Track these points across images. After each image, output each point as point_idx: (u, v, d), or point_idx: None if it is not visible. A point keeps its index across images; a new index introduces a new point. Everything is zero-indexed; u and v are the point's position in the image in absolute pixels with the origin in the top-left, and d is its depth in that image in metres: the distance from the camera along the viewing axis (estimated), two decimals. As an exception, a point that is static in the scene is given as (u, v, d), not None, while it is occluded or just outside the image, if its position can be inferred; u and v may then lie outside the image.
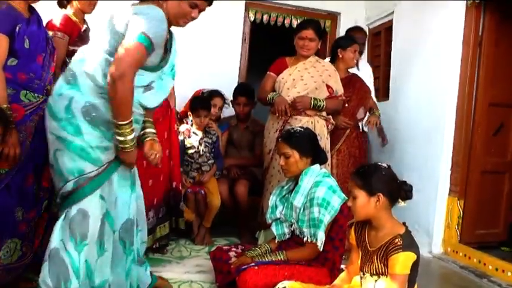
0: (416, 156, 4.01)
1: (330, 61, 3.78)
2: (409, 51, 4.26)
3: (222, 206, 3.70)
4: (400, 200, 2.11)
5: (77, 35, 2.91)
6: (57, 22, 2.86)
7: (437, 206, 3.74)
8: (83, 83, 2.03)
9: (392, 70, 4.53)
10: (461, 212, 3.70)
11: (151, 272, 2.49)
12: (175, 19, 2.16)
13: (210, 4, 2.21)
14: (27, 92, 2.38)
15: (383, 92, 4.70)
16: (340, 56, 3.72)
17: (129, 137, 2.02)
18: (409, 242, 2.00)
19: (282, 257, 2.59)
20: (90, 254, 2.05)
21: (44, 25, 2.58)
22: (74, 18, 2.93)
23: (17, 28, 2.32)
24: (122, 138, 2.01)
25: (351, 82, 3.72)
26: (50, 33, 2.75)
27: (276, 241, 2.80)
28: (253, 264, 2.48)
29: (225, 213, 3.78)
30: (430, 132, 3.84)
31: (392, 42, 4.54)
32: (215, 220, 3.72)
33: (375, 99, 4.11)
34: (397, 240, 1.98)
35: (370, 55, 4.98)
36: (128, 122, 1.99)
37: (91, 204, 2.02)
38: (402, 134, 4.25)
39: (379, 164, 2.16)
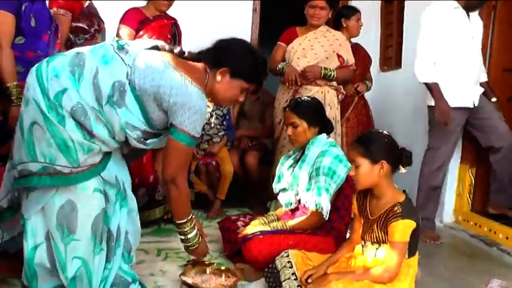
0: (427, 124, 3.95)
1: None
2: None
3: (233, 177, 3.74)
4: (400, 167, 2.11)
5: (79, 12, 2.94)
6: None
7: (449, 174, 3.70)
8: (86, 86, 1.81)
9: (404, 38, 4.44)
10: (473, 181, 3.68)
11: None
12: (220, 99, 2.05)
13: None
14: None
15: (395, 60, 4.64)
16: (344, 25, 3.74)
17: (191, 235, 2.07)
18: (408, 210, 2.00)
19: (287, 226, 2.63)
20: (85, 252, 1.93)
21: (47, 3, 2.62)
22: None
23: (23, 7, 2.37)
24: (183, 237, 2.08)
25: (356, 51, 3.71)
26: (54, 10, 2.78)
27: (283, 210, 2.84)
28: (258, 233, 2.53)
29: (237, 184, 3.82)
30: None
31: (405, 10, 4.43)
32: (227, 192, 3.77)
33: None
34: (396, 208, 1.99)
35: (383, 23, 4.89)
36: (186, 220, 2.03)
37: (81, 198, 1.87)
38: (413, 102, 4.19)
39: (380, 131, 2.16)
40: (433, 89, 3.21)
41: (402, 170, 2.12)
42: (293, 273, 2.20)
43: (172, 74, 1.87)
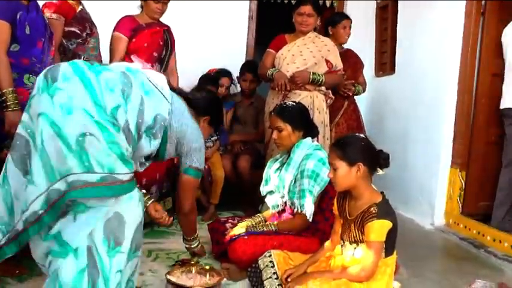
0: (420, 128, 4.03)
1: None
2: (414, 24, 4.24)
3: (226, 181, 3.81)
4: (378, 169, 2.16)
5: (73, 17, 3.01)
6: (52, 4, 2.96)
7: (439, 177, 3.76)
8: (132, 110, 1.86)
9: (398, 43, 4.52)
10: (463, 184, 3.72)
11: None
12: None
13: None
14: (30, 75, 2.50)
15: (390, 65, 4.70)
16: (331, 32, 3.82)
17: (195, 244, 2.56)
18: (384, 211, 2.05)
19: (273, 227, 2.69)
20: (123, 264, 1.88)
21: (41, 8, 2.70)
22: (69, 0, 3.02)
23: (18, 15, 2.43)
24: (192, 245, 2.56)
25: (345, 57, 3.77)
26: (46, 14, 2.85)
27: (270, 212, 2.90)
28: (243, 234, 2.59)
29: (230, 188, 3.89)
30: (433, 104, 3.86)
31: (398, 15, 4.50)
32: (221, 196, 3.84)
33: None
34: (372, 208, 2.04)
35: (378, 29, 4.95)
36: (194, 236, 2.54)
37: (128, 209, 1.84)
38: (407, 106, 4.26)
39: (357, 134, 2.22)
40: None
41: (380, 171, 2.17)
42: (274, 273, 2.27)
43: (193, 122, 2.21)
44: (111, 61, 3.24)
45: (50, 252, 1.80)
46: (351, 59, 3.84)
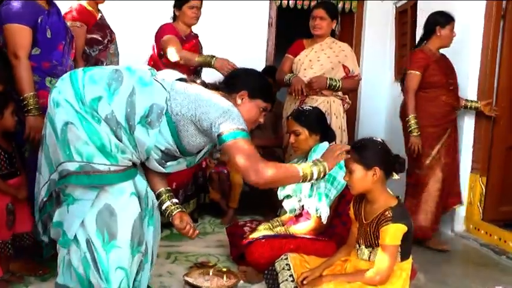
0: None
1: (423, 37, 3.55)
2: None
3: (245, 186, 3.84)
4: (394, 174, 2.17)
5: (94, 24, 3.08)
6: (74, 13, 3.03)
7: (460, 183, 3.71)
8: (119, 102, 1.89)
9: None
10: (484, 189, 3.67)
11: None
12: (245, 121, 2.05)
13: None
14: (52, 78, 2.56)
15: (409, 70, 4.66)
16: (438, 33, 3.41)
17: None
18: (399, 214, 2.06)
19: (290, 231, 2.71)
20: (128, 262, 1.93)
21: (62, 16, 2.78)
22: (89, 8, 3.09)
23: (39, 20, 2.50)
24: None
25: (440, 62, 3.46)
26: (69, 23, 2.92)
27: (288, 216, 2.92)
28: (260, 237, 2.62)
29: (249, 193, 3.91)
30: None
31: (417, 20, 4.48)
32: (240, 200, 3.88)
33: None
34: (387, 212, 2.06)
35: (397, 33, 4.94)
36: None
37: (118, 202, 1.90)
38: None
39: (374, 138, 2.22)
40: None
41: (395, 176, 2.18)
42: (290, 275, 2.30)
43: (207, 95, 2.00)
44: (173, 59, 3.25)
45: (57, 242, 1.98)
46: (450, 64, 3.53)
